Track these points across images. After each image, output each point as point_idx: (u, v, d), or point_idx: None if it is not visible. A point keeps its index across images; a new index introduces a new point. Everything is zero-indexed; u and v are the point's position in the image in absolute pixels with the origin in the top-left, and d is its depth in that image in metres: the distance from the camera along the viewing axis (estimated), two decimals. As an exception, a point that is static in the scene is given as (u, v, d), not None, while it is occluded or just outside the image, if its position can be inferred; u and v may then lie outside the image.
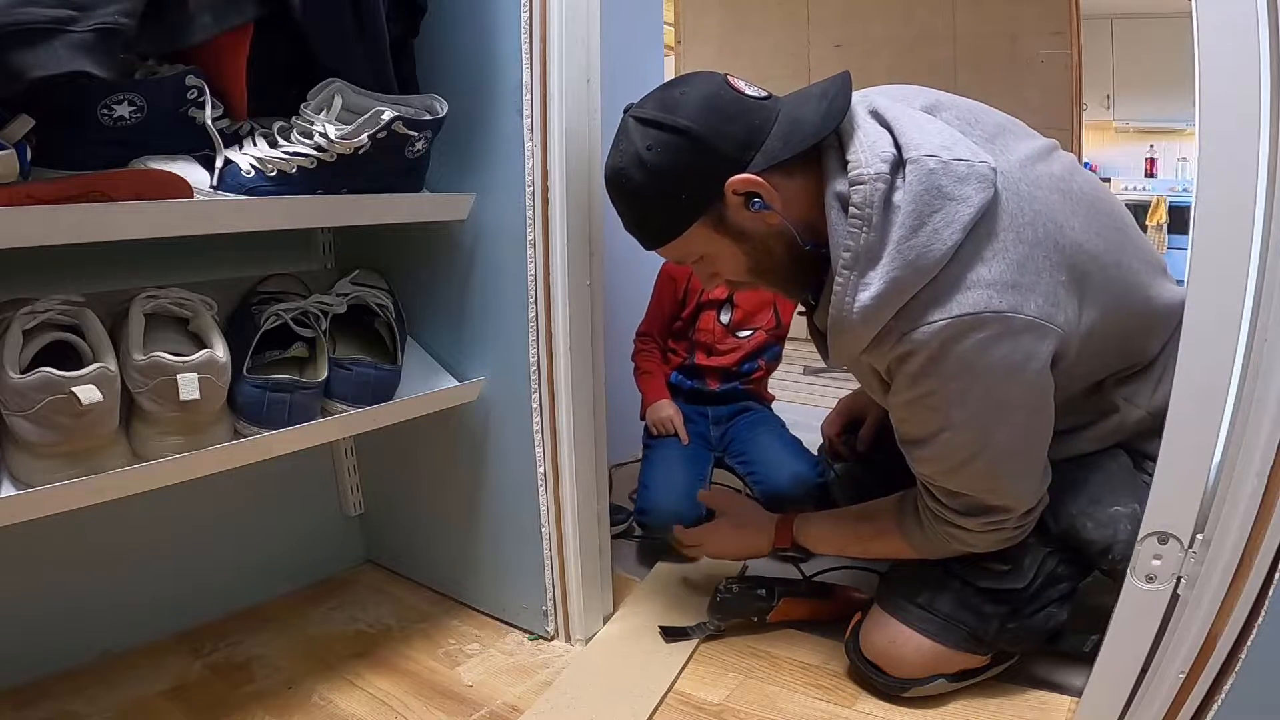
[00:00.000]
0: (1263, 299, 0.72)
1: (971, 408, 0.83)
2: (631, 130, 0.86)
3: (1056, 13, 2.81)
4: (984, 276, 0.79)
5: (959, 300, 0.79)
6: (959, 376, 0.81)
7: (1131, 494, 0.96)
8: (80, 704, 1.03)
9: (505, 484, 1.19)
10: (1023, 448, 0.88)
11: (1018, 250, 0.80)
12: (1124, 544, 0.92)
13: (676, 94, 0.85)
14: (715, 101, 0.83)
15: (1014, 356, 0.80)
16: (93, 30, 0.72)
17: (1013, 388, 0.82)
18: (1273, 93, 0.69)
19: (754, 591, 1.18)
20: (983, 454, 0.86)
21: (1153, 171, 5.16)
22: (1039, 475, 0.92)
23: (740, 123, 0.83)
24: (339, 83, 0.92)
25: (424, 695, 1.07)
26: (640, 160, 0.84)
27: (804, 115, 0.84)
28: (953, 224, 0.78)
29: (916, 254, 0.78)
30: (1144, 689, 0.84)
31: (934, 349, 0.80)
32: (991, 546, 0.94)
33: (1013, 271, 0.79)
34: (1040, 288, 0.80)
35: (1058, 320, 0.81)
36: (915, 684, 1.00)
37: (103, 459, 0.81)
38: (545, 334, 1.09)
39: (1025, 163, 0.86)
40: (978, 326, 0.79)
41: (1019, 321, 0.79)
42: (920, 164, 0.79)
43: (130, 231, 0.78)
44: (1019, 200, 0.82)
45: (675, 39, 3.51)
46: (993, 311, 0.78)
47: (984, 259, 0.79)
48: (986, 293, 0.79)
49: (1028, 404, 0.85)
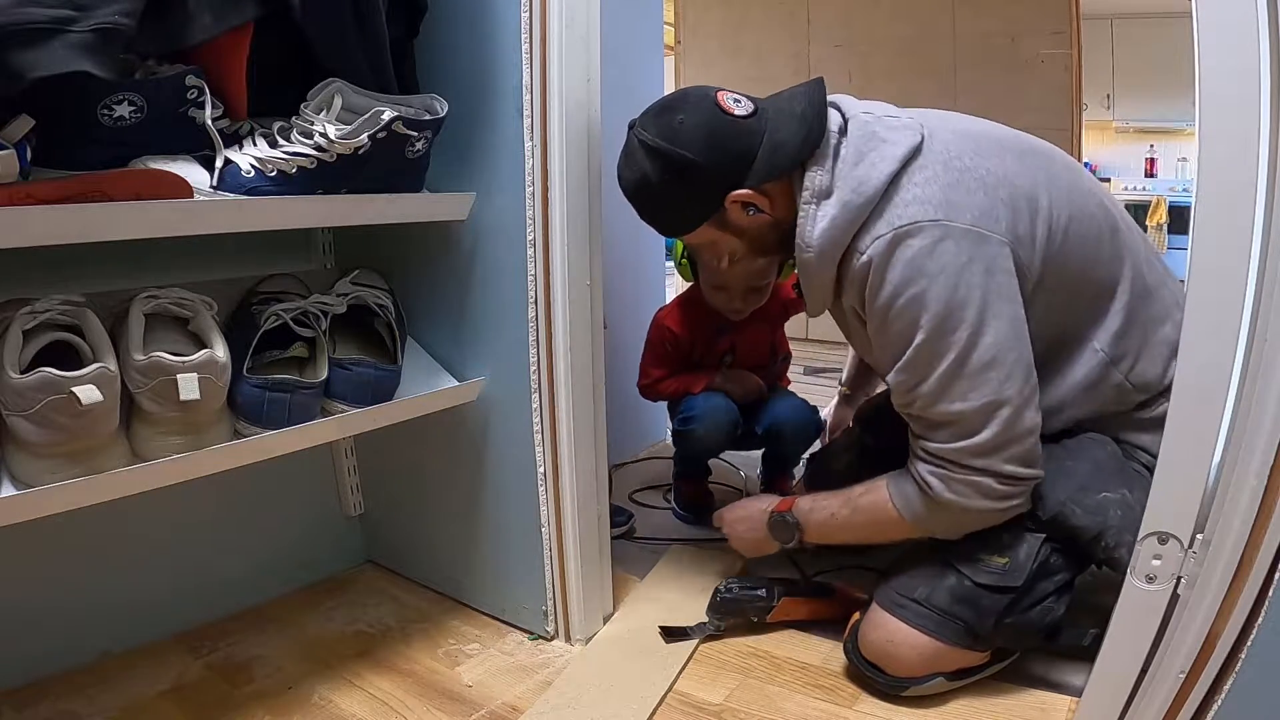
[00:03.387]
0: (1263, 299, 0.72)
1: (931, 309, 0.90)
2: (639, 154, 1.00)
3: (1056, 13, 2.81)
4: (919, 195, 0.92)
5: (899, 214, 0.92)
6: (912, 280, 0.90)
7: (1121, 481, 0.97)
8: (80, 704, 1.03)
9: (505, 484, 1.19)
10: (989, 354, 0.90)
11: (947, 176, 0.93)
12: (1115, 530, 0.94)
13: (675, 122, 0.98)
14: (710, 131, 0.97)
15: (959, 258, 0.89)
16: (93, 30, 0.72)
17: (964, 289, 0.89)
18: (1273, 93, 0.69)
19: (754, 592, 1.18)
20: (947, 356, 0.90)
21: (1153, 171, 5.16)
22: (1017, 392, 0.91)
23: (733, 149, 0.97)
24: (339, 83, 0.92)
25: (424, 695, 1.07)
26: (650, 182, 1.00)
27: (785, 139, 0.97)
28: (886, 158, 0.93)
29: (859, 181, 0.93)
30: (1144, 689, 0.84)
31: (885, 259, 0.91)
32: (981, 505, 0.93)
33: (946, 191, 0.92)
34: (975, 204, 0.91)
35: (998, 230, 0.91)
36: (914, 683, 1.00)
37: (103, 459, 0.81)
38: (545, 334, 1.09)
39: (955, 123, 1.01)
40: (917, 233, 0.90)
41: (957, 228, 0.90)
42: (858, 118, 0.98)
43: (130, 231, 0.78)
44: (946, 145, 0.96)
45: (675, 39, 3.51)
46: (929, 220, 0.90)
47: (917, 183, 0.93)
48: (922, 207, 0.91)
49: (987, 305, 0.89)
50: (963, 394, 0.91)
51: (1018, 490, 0.94)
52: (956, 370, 0.90)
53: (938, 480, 0.95)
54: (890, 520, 1.01)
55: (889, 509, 1.00)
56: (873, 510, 1.03)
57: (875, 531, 1.06)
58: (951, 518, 0.96)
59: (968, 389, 0.91)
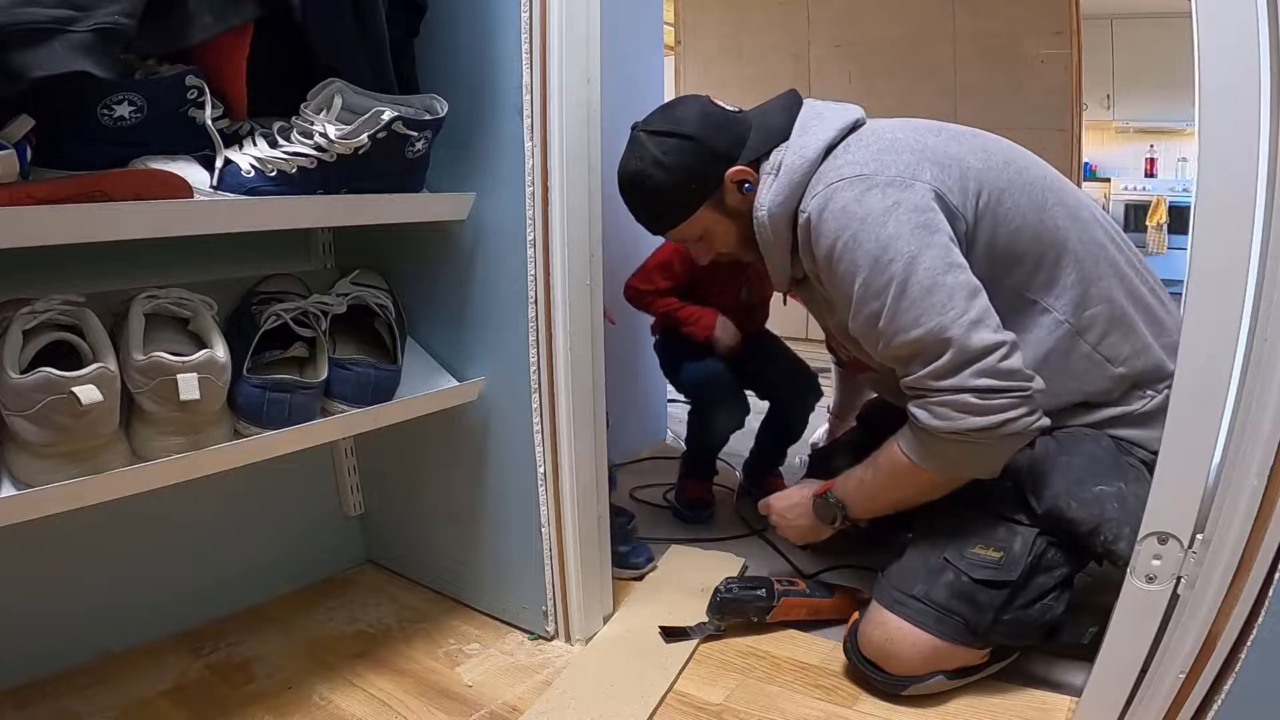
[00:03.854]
0: (1263, 299, 0.72)
1: (865, 248, 0.96)
2: (645, 142, 1.08)
3: (1056, 13, 2.81)
4: (850, 160, 1.02)
5: (832, 175, 1.02)
6: (845, 226, 0.98)
7: (1117, 475, 0.98)
8: (80, 704, 1.03)
9: (505, 484, 1.19)
10: (927, 280, 0.93)
11: (878, 143, 1.03)
12: (1112, 523, 0.94)
13: (677, 113, 1.10)
14: (709, 115, 1.09)
15: (884, 201, 0.97)
16: (93, 30, 0.72)
17: (892, 225, 0.95)
18: (1273, 93, 0.69)
19: (754, 592, 1.18)
20: (889, 289, 0.95)
21: (1153, 171, 5.15)
22: (961, 313, 0.92)
23: (729, 130, 1.09)
24: (339, 83, 0.92)
25: (424, 695, 1.07)
26: (658, 163, 1.07)
27: (773, 123, 1.09)
28: (825, 129, 1.05)
29: (801, 148, 1.05)
30: (1144, 689, 0.84)
31: (820, 212, 1.00)
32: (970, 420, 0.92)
33: (876, 155, 1.01)
34: (900, 161, 1.00)
35: (922, 178, 0.98)
36: (914, 681, 1.00)
37: (103, 459, 0.81)
38: (545, 334, 1.09)
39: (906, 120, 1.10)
40: (845, 186, 0.99)
41: (880, 179, 0.98)
42: (810, 105, 1.11)
43: (130, 231, 0.78)
44: (886, 126, 1.07)
45: (675, 39, 3.51)
46: (856, 174, 1.00)
47: (851, 150, 1.04)
48: (852, 167, 1.01)
49: (917, 239, 0.95)
50: (913, 321, 0.94)
51: (1002, 402, 0.91)
52: (899, 300, 0.94)
53: (921, 410, 0.96)
54: (906, 468, 1.01)
55: (900, 458, 1.01)
56: (890, 464, 1.04)
57: (901, 484, 1.04)
58: (951, 447, 0.95)
59: (916, 316, 0.94)
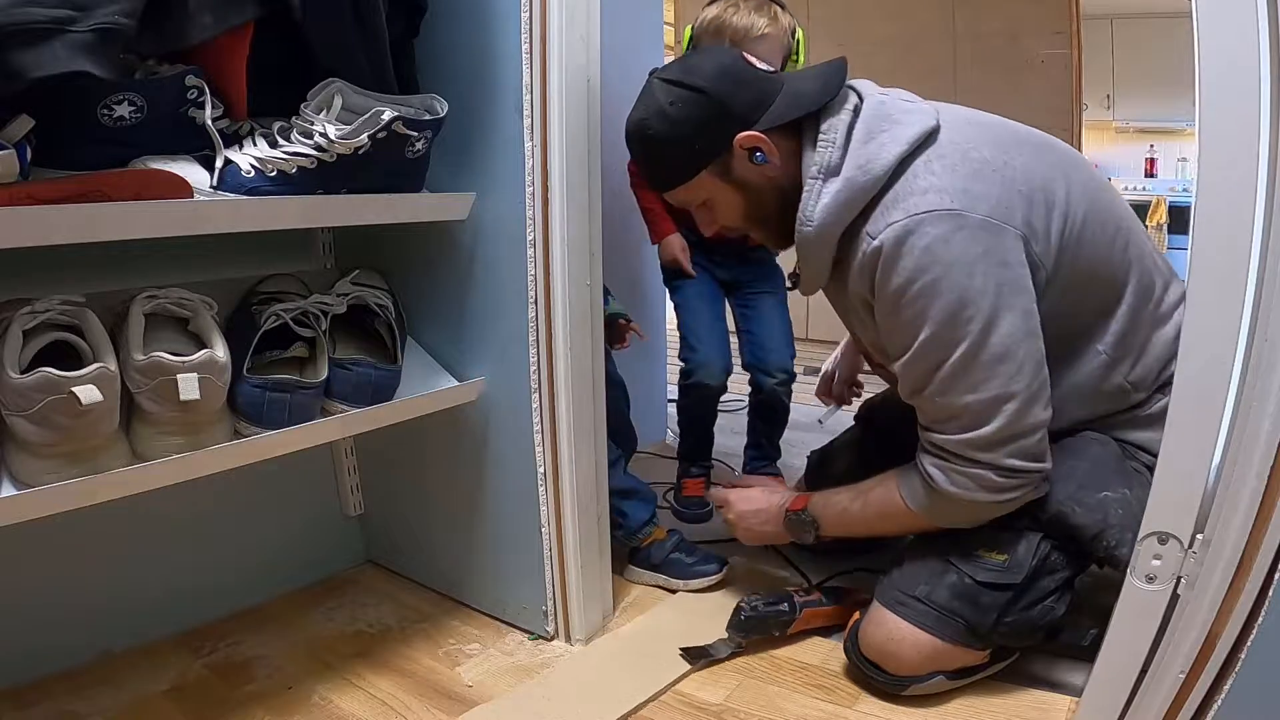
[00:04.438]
0: (1263, 299, 0.72)
1: (943, 299, 0.88)
2: (655, 89, 0.99)
3: (1056, 13, 2.82)
4: (935, 184, 0.90)
5: (915, 202, 0.90)
6: (926, 269, 0.89)
7: (1121, 480, 0.97)
8: (80, 704, 1.03)
9: (505, 484, 1.19)
10: (1000, 347, 0.89)
11: (966, 166, 0.91)
12: (1116, 529, 0.94)
13: (698, 61, 1.00)
14: (731, 69, 0.98)
15: (974, 248, 0.88)
16: (93, 30, 0.72)
17: (982, 279, 0.88)
18: (1273, 93, 0.69)
19: (777, 607, 1.15)
20: (959, 348, 0.89)
21: (1153, 171, 5.15)
22: (1025, 386, 0.90)
23: (751, 88, 0.97)
24: (339, 83, 0.92)
25: (424, 695, 1.07)
26: (662, 112, 0.97)
27: (805, 89, 0.98)
28: (897, 140, 0.92)
29: (866, 159, 0.92)
30: (1144, 689, 0.84)
31: (897, 246, 0.90)
32: (980, 497, 0.93)
33: (964, 180, 0.90)
34: (992, 195, 0.90)
35: (1014, 221, 0.90)
36: (914, 681, 1.00)
37: (103, 459, 0.81)
38: (545, 334, 1.09)
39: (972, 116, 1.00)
40: (933, 222, 0.88)
41: (973, 219, 0.88)
42: (872, 97, 0.98)
43: (130, 231, 0.78)
44: (963, 134, 0.95)
45: (675, 39, 3.52)
46: (946, 209, 0.89)
47: (934, 171, 0.91)
48: (940, 195, 0.89)
49: (1000, 299, 0.88)
50: (972, 386, 0.90)
51: (1018, 483, 0.93)
52: (967, 363, 0.89)
53: (939, 472, 0.95)
54: (899, 512, 1.01)
55: (897, 501, 1.01)
56: (883, 504, 1.03)
57: (887, 523, 1.05)
58: (955, 508, 0.96)
59: (977, 381, 0.90)
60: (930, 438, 0.96)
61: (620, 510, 1.32)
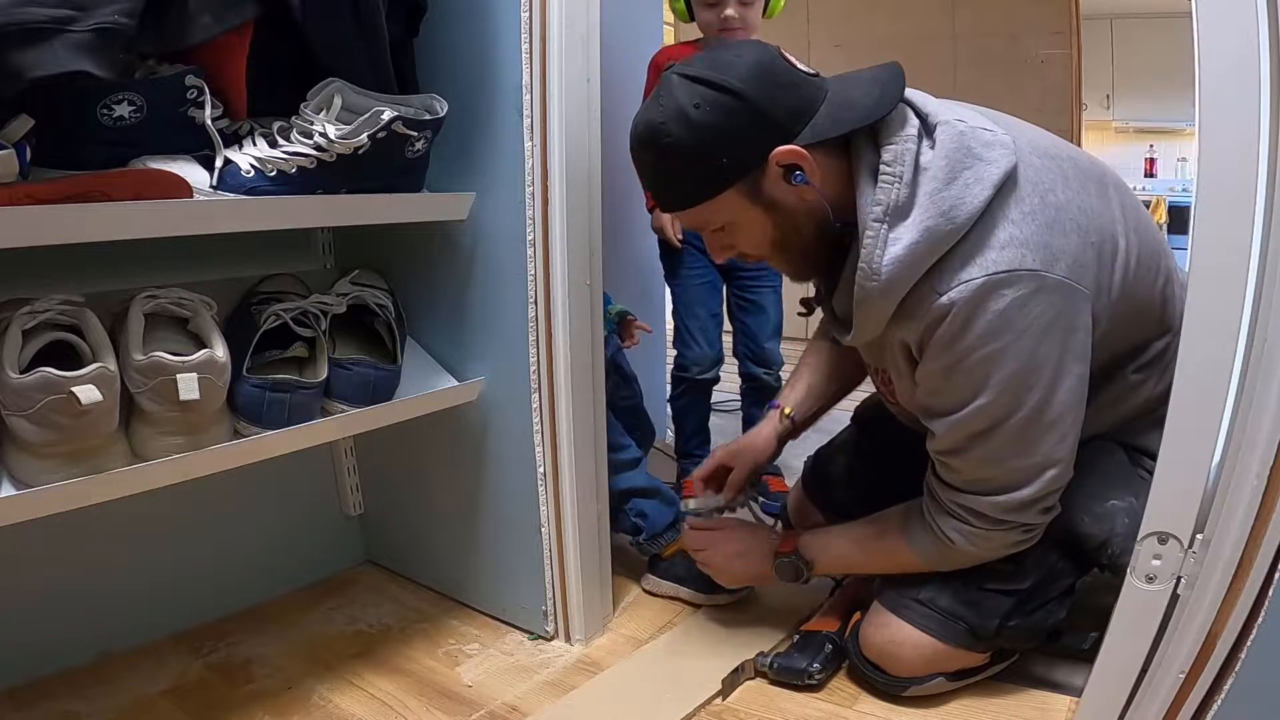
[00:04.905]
0: (1263, 299, 0.72)
1: (1008, 368, 0.82)
2: (676, 86, 0.83)
3: (1056, 13, 2.82)
4: (1016, 236, 0.80)
5: (994, 259, 0.80)
6: (997, 335, 0.81)
7: (1128, 488, 0.96)
8: (80, 704, 1.03)
9: (505, 484, 1.19)
10: (1053, 415, 0.84)
11: (1045, 214, 0.82)
12: (1121, 538, 0.93)
13: (730, 56, 0.83)
14: (770, 68, 0.83)
15: (1047, 314, 0.81)
16: (92, 30, 0.72)
17: (1048, 347, 0.82)
18: (1273, 93, 0.68)
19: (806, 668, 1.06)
20: (1014, 417, 0.83)
21: (1152, 171, 5.15)
22: (1065, 453, 0.87)
23: (793, 93, 0.83)
24: (339, 82, 0.92)
25: (424, 695, 1.07)
26: (685, 116, 0.81)
27: (855, 98, 0.84)
28: (983, 180, 0.80)
29: (950, 204, 0.80)
30: (1144, 689, 0.84)
31: (971, 307, 0.80)
32: (997, 549, 0.93)
33: (1043, 232, 0.81)
34: (1070, 250, 0.82)
35: (1086, 281, 0.83)
36: (915, 683, 1.00)
37: (103, 459, 0.81)
38: (545, 334, 1.09)
39: (1036, 141, 0.90)
40: (1013, 283, 0.79)
41: (1052, 280, 0.80)
42: (950, 125, 0.83)
43: (130, 231, 0.78)
44: (1037, 170, 0.85)
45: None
46: (1027, 269, 0.80)
47: (1014, 220, 0.81)
48: (1020, 251, 0.80)
49: (1062, 366, 0.83)
50: (1019, 453, 0.86)
51: (1035, 535, 0.93)
52: (1020, 432, 0.84)
53: (960, 536, 0.92)
54: (908, 563, 0.99)
55: (906, 555, 0.98)
56: (890, 557, 1.02)
57: (890, 567, 1.03)
58: (970, 559, 0.95)
59: (1025, 449, 0.85)
60: (957, 498, 0.91)
61: (641, 511, 1.31)
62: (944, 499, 0.93)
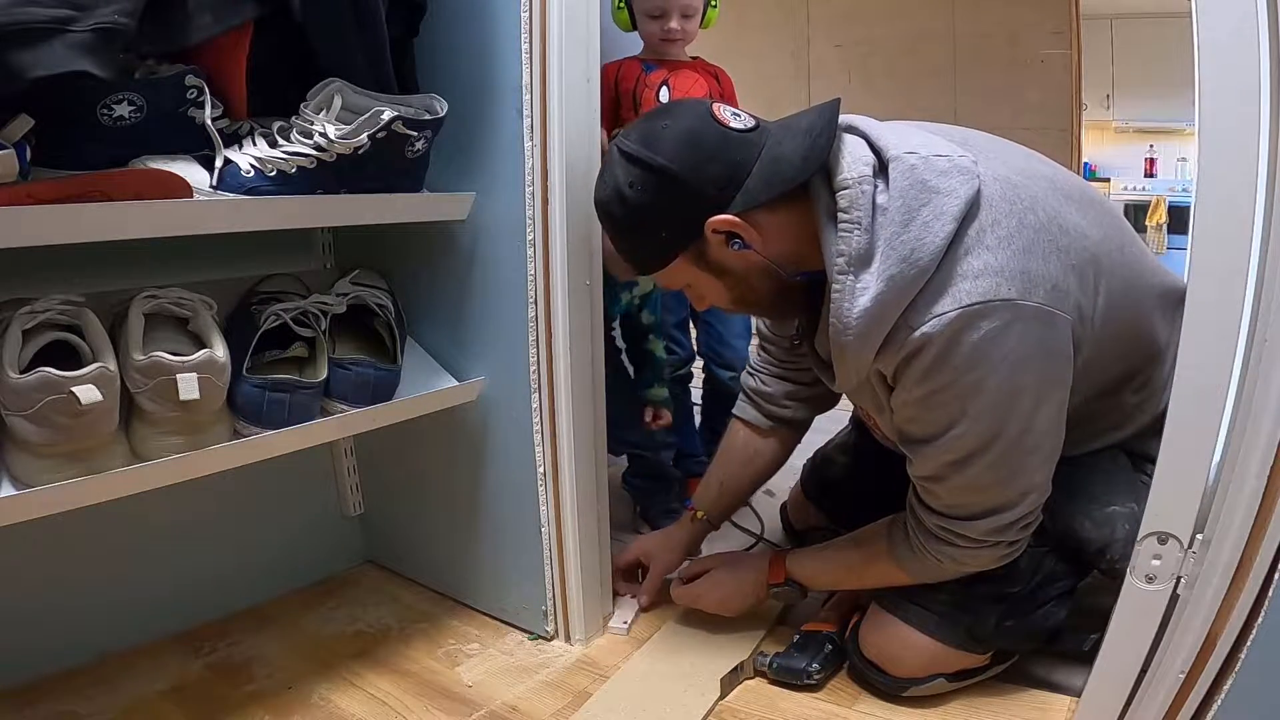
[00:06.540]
0: (1263, 299, 0.72)
1: (985, 399, 0.81)
2: (615, 163, 0.87)
3: (1056, 13, 2.82)
4: (991, 264, 0.79)
5: (968, 289, 0.78)
6: (973, 368, 0.79)
7: (1130, 494, 0.96)
8: (80, 704, 1.03)
9: (505, 484, 1.19)
10: (1033, 441, 0.84)
11: (1022, 236, 0.80)
12: (1121, 543, 0.93)
13: (659, 127, 0.85)
14: (698, 138, 0.84)
15: (1028, 341, 0.79)
16: (92, 30, 0.72)
17: (1026, 376, 0.81)
18: (1273, 93, 0.69)
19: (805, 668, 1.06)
20: (994, 446, 0.83)
21: (1152, 171, 5.16)
22: (1046, 474, 0.88)
23: (721, 160, 0.84)
24: (339, 82, 0.92)
25: (424, 695, 1.07)
26: (622, 196, 0.86)
27: (786, 153, 0.84)
28: (942, 216, 0.79)
29: (910, 249, 0.78)
30: (1144, 689, 0.84)
31: (945, 342, 0.79)
32: (985, 564, 0.93)
33: (1020, 258, 0.79)
34: (1049, 274, 0.80)
35: (1066, 306, 0.81)
36: (914, 683, 1.00)
37: (102, 459, 0.81)
38: (545, 334, 1.09)
39: (1009, 159, 0.89)
40: (988, 314, 0.78)
41: (1028, 308, 0.79)
42: (901, 160, 0.81)
43: (130, 231, 0.78)
44: (1014, 190, 0.83)
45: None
46: (1002, 299, 0.78)
47: (988, 246, 0.79)
48: (995, 280, 0.78)
49: (1041, 393, 0.82)
50: (999, 480, 0.86)
51: (1020, 547, 0.93)
52: (1000, 461, 0.84)
53: (949, 560, 0.92)
54: (902, 582, 1.00)
55: (900, 577, 0.99)
56: (882, 578, 1.02)
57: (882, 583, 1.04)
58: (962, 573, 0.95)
59: (1005, 477, 0.86)
60: (941, 522, 0.91)
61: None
62: (928, 523, 0.92)
